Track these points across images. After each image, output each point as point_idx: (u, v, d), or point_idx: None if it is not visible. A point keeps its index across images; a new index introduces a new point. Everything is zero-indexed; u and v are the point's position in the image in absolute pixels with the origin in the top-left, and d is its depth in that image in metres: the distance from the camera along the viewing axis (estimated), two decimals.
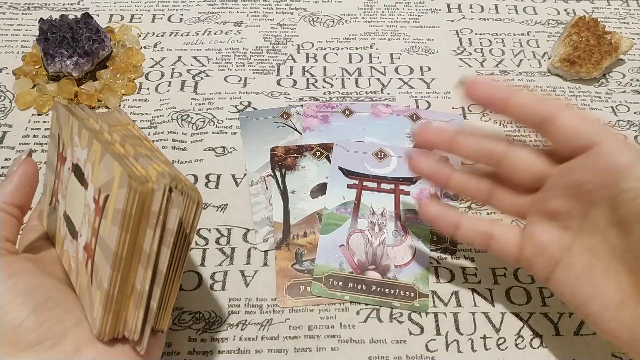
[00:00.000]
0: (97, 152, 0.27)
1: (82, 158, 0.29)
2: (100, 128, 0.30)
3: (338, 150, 0.44)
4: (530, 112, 0.30)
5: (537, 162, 0.31)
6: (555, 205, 0.30)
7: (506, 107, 0.31)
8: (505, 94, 0.30)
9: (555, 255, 0.30)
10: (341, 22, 0.57)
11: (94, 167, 0.27)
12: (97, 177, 0.27)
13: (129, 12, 0.57)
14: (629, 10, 0.59)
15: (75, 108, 0.33)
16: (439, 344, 0.35)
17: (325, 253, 0.39)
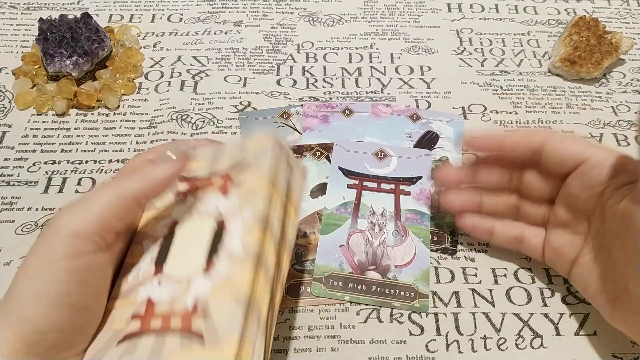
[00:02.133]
0: (242, 284, 0.25)
1: (231, 247, 0.27)
2: (274, 220, 0.28)
3: (338, 150, 0.44)
4: (523, 147, 0.34)
5: (545, 182, 0.35)
6: (563, 216, 0.34)
7: (503, 150, 0.35)
8: (497, 140, 0.35)
9: (570, 257, 0.34)
10: (341, 21, 0.57)
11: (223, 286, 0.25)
12: (214, 299, 0.25)
13: (129, 12, 0.57)
14: (630, 10, 0.59)
15: (282, 154, 0.30)
16: (439, 344, 0.35)
17: (325, 253, 0.39)
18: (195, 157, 0.31)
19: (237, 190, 0.29)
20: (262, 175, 0.29)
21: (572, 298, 0.37)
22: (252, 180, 0.29)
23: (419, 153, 0.44)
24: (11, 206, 0.41)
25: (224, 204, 0.29)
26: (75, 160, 0.44)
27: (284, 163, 0.30)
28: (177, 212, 0.30)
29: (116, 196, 0.26)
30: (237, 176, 0.29)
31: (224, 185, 0.29)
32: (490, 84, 0.51)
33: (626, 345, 0.35)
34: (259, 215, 0.27)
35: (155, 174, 0.28)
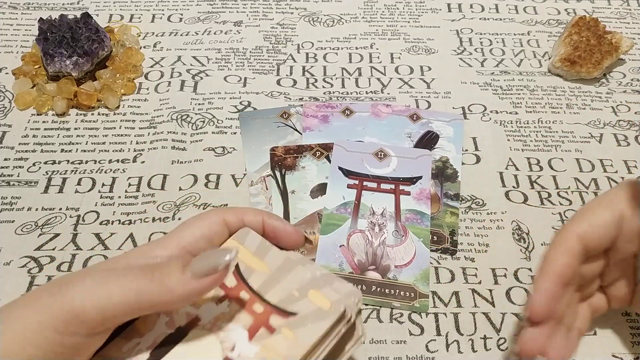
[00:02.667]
0: None
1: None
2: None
3: (338, 150, 0.44)
4: (572, 263, 0.31)
5: (597, 264, 0.33)
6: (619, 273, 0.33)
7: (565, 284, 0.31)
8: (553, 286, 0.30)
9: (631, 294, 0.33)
10: (341, 22, 0.57)
11: None
12: None
13: (129, 12, 0.57)
14: (630, 10, 0.59)
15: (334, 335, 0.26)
16: (439, 344, 0.35)
17: (325, 253, 0.39)
18: (264, 254, 0.28)
19: (263, 341, 0.25)
20: (296, 353, 0.24)
21: None
22: (283, 348, 0.25)
23: (419, 153, 0.44)
24: (11, 206, 0.41)
25: (242, 346, 0.25)
26: (75, 160, 0.44)
27: (334, 336, 0.26)
28: (205, 310, 0.27)
29: (131, 296, 0.24)
30: (275, 324, 0.26)
31: (258, 324, 0.26)
32: (490, 84, 0.51)
33: (626, 346, 0.35)
34: None
35: (177, 288, 0.24)
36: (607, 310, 0.35)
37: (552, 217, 0.42)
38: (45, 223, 0.40)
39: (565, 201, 0.43)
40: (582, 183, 0.44)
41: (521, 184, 0.43)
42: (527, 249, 0.40)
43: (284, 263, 0.28)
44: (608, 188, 0.44)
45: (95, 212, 0.41)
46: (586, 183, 0.44)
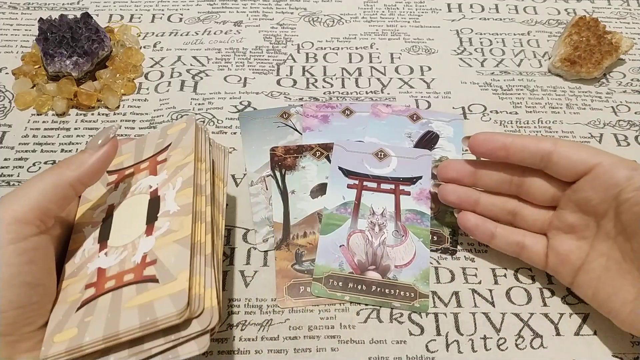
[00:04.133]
0: (184, 229, 0.29)
1: (168, 209, 0.30)
2: (203, 183, 0.32)
3: (338, 150, 0.44)
4: (530, 152, 0.34)
5: (549, 186, 0.35)
6: (571, 221, 0.34)
7: (508, 154, 0.35)
8: (504, 142, 0.35)
9: (576, 263, 0.34)
10: (341, 21, 0.57)
11: (166, 237, 0.29)
12: (161, 249, 0.28)
13: (129, 12, 0.57)
14: (630, 10, 0.59)
15: (201, 134, 0.34)
16: (439, 344, 0.35)
17: (325, 253, 0.39)
18: (120, 152, 0.34)
19: (165, 168, 0.32)
20: (187, 151, 0.32)
21: (572, 298, 0.37)
22: (178, 156, 0.32)
23: (419, 153, 0.44)
24: None
25: (155, 181, 0.32)
26: None
27: (204, 140, 0.34)
28: (111, 198, 0.33)
29: (52, 183, 0.28)
30: (163, 157, 0.33)
31: (153, 167, 0.33)
32: (490, 84, 0.51)
33: (626, 346, 0.35)
34: (188, 179, 0.31)
35: (87, 159, 0.30)
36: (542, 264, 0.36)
37: None
38: None
39: None
40: None
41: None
42: None
43: (137, 140, 0.35)
44: None
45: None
46: None
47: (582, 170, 0.33)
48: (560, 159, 0.33)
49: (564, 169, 0.33)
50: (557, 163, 0.33)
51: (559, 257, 0.35)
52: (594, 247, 0.33)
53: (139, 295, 0.27)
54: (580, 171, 0.33)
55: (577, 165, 0.33)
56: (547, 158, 0.33)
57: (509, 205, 0.37)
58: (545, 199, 0.35)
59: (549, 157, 0.33)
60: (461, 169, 0.38)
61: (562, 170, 0.33)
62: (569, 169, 0.33)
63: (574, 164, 0.33)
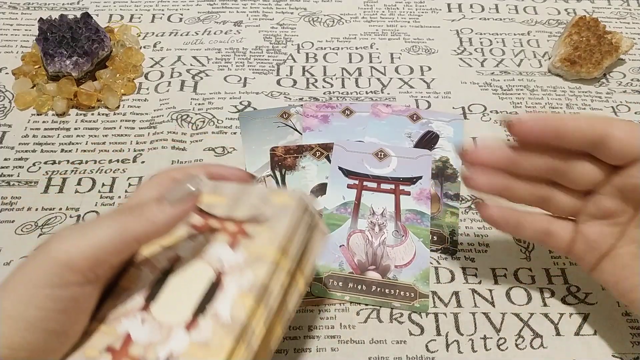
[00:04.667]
0: (219, 353, 0.24)
1: (219, 310, 0.25)
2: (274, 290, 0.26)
3: (338, 150, 0.44)
4: (584, 136, 0.30)
5: (593, 171, 0.31)
6: (608, 207, 0.32)
7: (559, 138, 0.31)
8: (555, 125, 0.30)
9: (604, 249, 0.32)
10: (341, 22, 0.57)
11: (198, 347, 0.24)
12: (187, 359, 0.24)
13: (129, 12, 0.57)
14: (630, 10, 0.59)
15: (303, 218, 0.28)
16: (439, 344, 0.35)
17: (325, 253, 0.39)
18: (219, 191, 0.30)
19: (246, 246, 0.27)
20: (275, 240, 0.27)
21: (572, 298, 0.37)
22: (264, 241, 0.27)
23: (419, 153, 0.44)
24: (11, 206, 0.41)
25: (228, 258, 0.27)
26: (75, 160, 0.44)
27: (303, 227, 0.28)
28: (182, 248, 0.28)
29: (116, 234, 0.25)
30: (250, 230, 0.28)
31: (236, 236, 0.28)
32: (490, 84, 0.51)
33: (626, 346, 0.35)
34: (258, 284, 0.25)
35: (158, 216, 0.26)
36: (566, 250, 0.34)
37: None
38: (45, 223, 0.40)
39: None
40: None
41: None
42: (527, 249, 0.40)
43: (239, 189, 0.30)
44: None
45: (96, 212, 0.41)
46: None
47: (636, 156, 0.29)
48: (614, 145, 0.29)
49: (617, 155, 0.30)
50: (611, 148, 0.30)
51: (588, 243, 0.33)
52: (626, 234, 0.31)
53: None
54: (634, 157, 0.30)
55: (633, 152, 0.29)
56: (601, 143, 0.30)
57: (542, 191, 0.33)
58: (586, 184, 0.32)
59: (602, 142, 0.30)
60: (497, 154, 0.32)
61: (615, 156, 0.30)
62: (623, 155, 0.30)
63: (629, 150, 0.29)
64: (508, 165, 0.33)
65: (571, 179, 0.32)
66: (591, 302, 0.37)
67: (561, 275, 0.38)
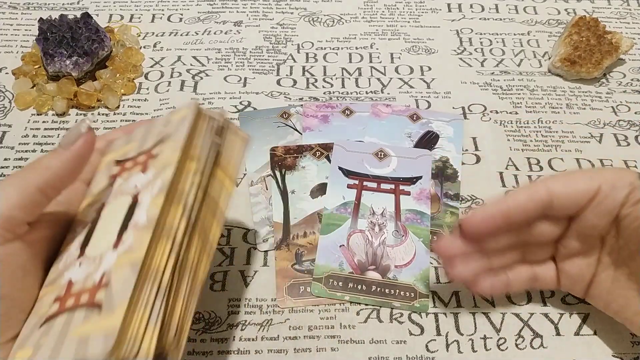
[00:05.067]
0: (139, 248, 0.25)
1: (138, 219, 0.26)
2: (188, 188, 0.27)
3: (338, 150, 0.44)
4: (530, 209, 0.32)
5: (553, 228, 0.33)
6: (576, 247, 0.34)
7: (510, 221, 0.32)
8: (500, 213, 0.32)
9: (587, 279, 0.34)
10: (341, 22, 0.57)
11: (124, 255, 0.25)
12: (116, 269, 0.25)
13: (129, 12, 0.57)
14: (630, 10, 0.59)
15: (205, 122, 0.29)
16: (439, 344, 0.35)
17: (325, 253, 0.39)
18: (131, 138, 0.32)
19: (153, 165, 0.29)
20: (176, 146, 0.28)
21: (572, 298, 0.37)
22: (167, 152, 0.28)
23: (419, 153, 0.44)
24: None
25: (140, 181, 0.28)
26: None
27: (207, 130, 0.29)
28: (105, 195, 0.30)
29: (17, 190, 0.26)
30: (157, 151, 0.29)
31: (146, 162, 0.29)
32: (490, 84, 0.51)
33: (626, 346, 0.35)
34: (165, 185, 0.27)
35: (52, 162, 0.27)
36: (555, 286, 0.36)
37: None
38: None
39: None
40: None
41: (521, 184, 0.43)
42: None
43: (146, 127, 0.32)
44: None
45: None
46: None
47: (584, 202, 0.31)
48: (560, 201, 0.31)
49: (566, 209, 0.32)
50: (558, 205, 0.32)
51: (570, 278, 0.35)
52: (601, 261, 0.33)
53: (84, 323, 0.24)
54: (583, 204, 0.31)
55: (579, 200, 0.31)
56: (549, 206, 0.32)
57: (516, 255, 0.35)
58: (552, 237, 0.34)
59: (550, 204, 0.32)
60: (463, 246, 0.33)
61: (565, 209, 0.32)
62: (571, 206, 0.32)
63: (575, 200, 0.31)
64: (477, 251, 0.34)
65: (536, 239, 0.34)
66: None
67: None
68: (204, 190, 0.29)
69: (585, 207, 0.32)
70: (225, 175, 0.30)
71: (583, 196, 0.31)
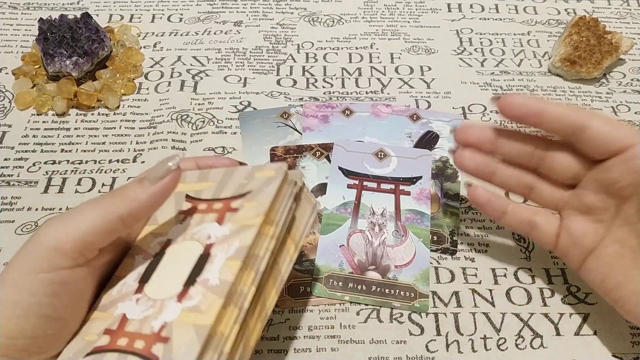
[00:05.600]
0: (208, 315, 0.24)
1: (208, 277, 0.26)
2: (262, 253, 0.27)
3: (338, 150, 0.44)
4: (564, 122, 0.31)
5: (574, 163, 0.33)
6: (590, 201, 0.32)
7: (541, 121, 0.32)
8: (538, 108, 0.32)
9: (588, 246, 0.33)
10: (341, 21, 0.57)
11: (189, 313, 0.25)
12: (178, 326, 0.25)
13: (129, 12, 0.57)
14: (630, 10, 0.59)
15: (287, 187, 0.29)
16: (439, 344, 0.35)
17: (325, 253, 0.39)
18: (207, 178, 0.31)
19: (232, 219, 0.28)
20: (259, 209, 0.27)
21: (572, 298, 0.37)
22: (248, 211, 0.28)
23: (419, 153, 0.44)
24: (11, 206, 0.41)
25: (215, 232, 0.28)
26: (75, 160, 0.44)
27: (287, 195, 0.29)
28: (173, 232, 0.29)
29: (100, 216, 0.26)
30: (236, 205, 0.28)
31: (222, 213, 0.28)
32: (490, 84, 0.51)
33: (626, 346, 0.35)
34: (244, 248, 0.26)
35: (140, 194, 0.27)
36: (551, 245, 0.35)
37: None
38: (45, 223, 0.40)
39: None
40: None
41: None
42: (527, 249, 0.40)
43: (226, 172, 0.31)
44: None
45: None
46: None
47: (614, 149, 0.30)
48: (595, 135, 0.30)
49: (595, 146, 0.31)
50: (589, 139, 0.30)
51: (572, 238, 0.33)
52: (610, 232, 0.32)
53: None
54: (613, 150, 0.30)
55: (611, 144, 0.30)
56: (580, 132, 0.30)
57: (526, 179, 0.35)
58: (568, 176, 0.33)
59: (583, 130, 0.30)
60: (482, 135, 0.34)
61: (594, 147, 0.31)
62: (602, 147, 0.30)
63: (609, 142, 0.30)
64: (491, 148, 0.34)
65: (553, 168, 0.33)
66: (591, 302, 0.37)
67: (561, 275, 0.38)
68: (274, 257, 0.28)
69: (614, 155, 0.30)
70: (292, 242, 0.29)
71: (617, 142, 0.30)
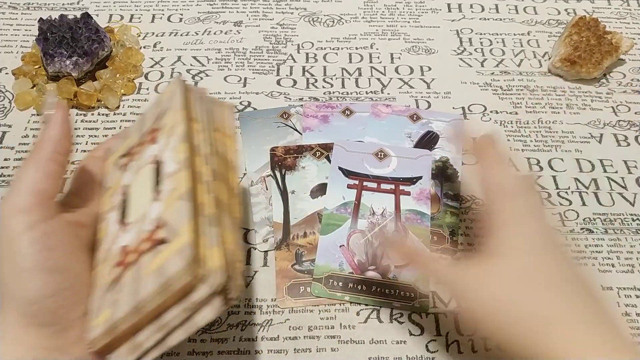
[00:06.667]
0: (182, 184, 0.27)
1: (168, 170, 0.29)
2: (199, 143, 0.30)
3: (338, 150, 0.44)
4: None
5: None
6: None
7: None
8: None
9: None
10: (341, 22, 0.57)
11: (170, 197, 0.27)
12: (167, 210, 0.27)
13: (129, 12, 0.57)
14: (630, 10, 0.59)
15: (193, 94, 0.32)
16: (439, 344, 0.35)
17: (325, 253, 0.39)
18: (126, 134, 0.34)
19: (163, 133, 0.31)
20: (177, 110, 0.31)
21: None
22: (171, 119, 0.31)
23: (419, 153, 0.44)
24: None
25: (155, 149, 0.31)
26: (76, 161, 0.44)
27: (195, 97, 0.32)
28: (124, 179, 0.32)
29: (34, 167, 0.28)
30: (159, 124, 0.32)
31: (153, 137, 0.31)
32: (490, 84, 0.51)
33: None
34: (182, 136, 0.29)
35: (49, 132, 0.30)
36: None
37: (552, 217, 0.42)
38: None
39: (565, 201, 0.43)
40: (582, 183, 0.44)
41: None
42: None
43: (140, 118, 0.34)
44: (608, 188, 0.44)
45: None
46: (586, 183, 0.44)
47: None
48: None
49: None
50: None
51: None
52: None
53: (154, 260, 0.26)
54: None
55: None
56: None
57: None
58: None
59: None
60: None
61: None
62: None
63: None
64: None
65: None
66: None
67: None
68: (214, 148, 0.31)
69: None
70: (225, 136, 0.33)
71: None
